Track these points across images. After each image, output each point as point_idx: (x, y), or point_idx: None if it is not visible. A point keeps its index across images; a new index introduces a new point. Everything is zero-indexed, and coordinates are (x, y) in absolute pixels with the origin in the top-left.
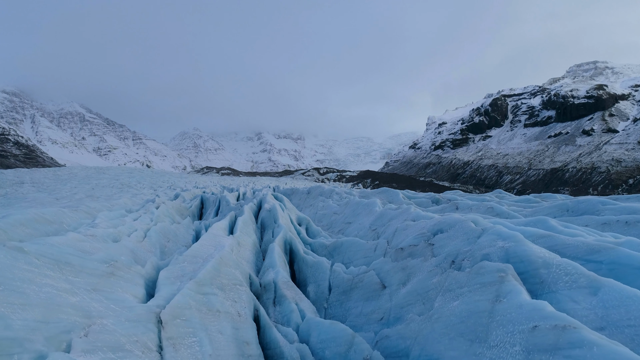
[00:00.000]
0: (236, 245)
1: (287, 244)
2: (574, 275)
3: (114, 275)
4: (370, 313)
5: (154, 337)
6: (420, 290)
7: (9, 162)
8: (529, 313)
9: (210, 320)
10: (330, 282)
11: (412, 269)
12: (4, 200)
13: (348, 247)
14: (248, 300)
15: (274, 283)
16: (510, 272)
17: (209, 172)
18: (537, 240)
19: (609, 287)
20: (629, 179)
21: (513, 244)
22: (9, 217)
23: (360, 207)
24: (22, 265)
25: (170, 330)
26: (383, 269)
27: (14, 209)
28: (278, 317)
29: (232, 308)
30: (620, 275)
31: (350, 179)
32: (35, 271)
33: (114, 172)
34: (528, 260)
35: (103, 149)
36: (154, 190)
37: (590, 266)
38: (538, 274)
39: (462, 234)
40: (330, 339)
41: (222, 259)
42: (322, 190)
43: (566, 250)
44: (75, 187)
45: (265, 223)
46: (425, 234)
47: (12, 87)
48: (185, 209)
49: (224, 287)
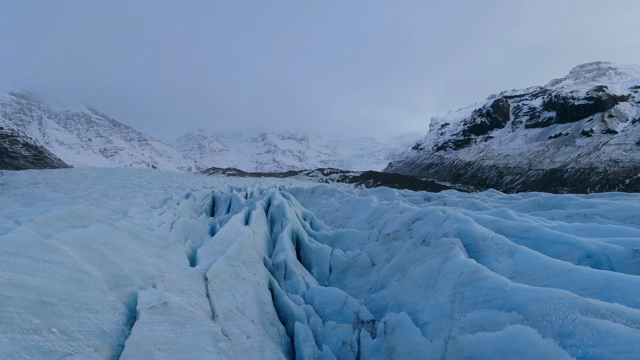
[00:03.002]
0: (252, 233)
1: (294, 234)
2: (500, 245)
3: (168, 248)
4: (362, 285)
5: (203, 288)
6: (399, 264)
7: (19, 163)
8: (460, 266)
9: (238, 284)
10: (330, 264)
11: (395, 249)
12: (24, 200)
13: (347, 236)
14: (264, 274)
15: (285, 262)
16: (457, 244)
17: (215, 172)
18: (488, 224)
19: (521, 252)
20: (626, 179)
21: (464, 224)
22: (48, 212)
23: (359, 204)
24: (116, 234)
25: (213, 285)
26: (373, 251)
27: (36, 208)
28: (288, 288)
29: (252, 278)
30: (539, 246)
31: (354, 180)
32: (124, 239)
33: (123, 173)
34: (472, 236)
35: (109, 150)
36: (164, 190)
37: (522, 241)
38: (477, 245)
39: (433, 220)
40: (329, 300)
41: (243, 242)
42: (325, 189)
43: (507, 230)
44: (89, 187)
45: (275, 217)
46: (407, 222)
47: (20, 89)
48: (198, 206)
49: (245, 263)
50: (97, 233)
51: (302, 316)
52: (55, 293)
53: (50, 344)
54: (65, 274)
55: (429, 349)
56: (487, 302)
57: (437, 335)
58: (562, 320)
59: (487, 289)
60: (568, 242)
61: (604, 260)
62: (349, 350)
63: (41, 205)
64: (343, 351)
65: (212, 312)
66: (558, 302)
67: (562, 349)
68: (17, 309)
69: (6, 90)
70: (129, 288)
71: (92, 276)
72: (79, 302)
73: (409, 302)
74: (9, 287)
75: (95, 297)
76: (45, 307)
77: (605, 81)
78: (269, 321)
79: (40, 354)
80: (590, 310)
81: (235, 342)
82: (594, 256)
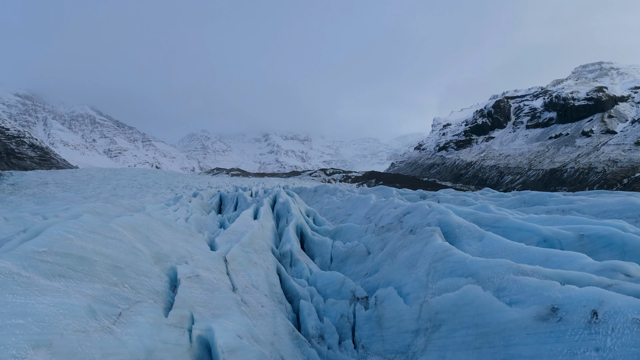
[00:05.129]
0: (260, 226)
1: (299, 228)
2: (472, 231)
3: (192, 236)
4: (359, 271)
5: (223, 268)
6: (391, 251)
7: (25, 164)
8: (436, 248)
9: (252, 267)
10: (331, 254)
11: (388, 239)
12: (37, 199)
13: (347, 230)
14: (273, 261)
15: (290, 251)
16: (437, 231)
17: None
18: (468, 216)
19: (488, 237)
20: (624, 178)
21: (444, 216)
22: (71, 209)
23: (359, 201)
24: (153, 222)
25: (232, 265)
26: (369, 241)
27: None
28: (293, 273)
29: (263, 263)
30: (507, 233)
31: (356, 180)
32: (159, 227)
33: (129, 174)
34: (449, 225)
35: (113, 150)
36: (171, 190)
37: (493, 229)
38: (454, 232)
39: (420, 213)
40: (330, 282)
41: (254, 233)
42: (327, 188)
43: (482, 221)
44: (98, 187)
45: (280, 213)
46: (399, 215)
47: (25, 91)
48: (207, 205)
49: (257, 250)
50: (141, 220)
51: (306, 296)
52: (122, 261)
53: (126, 293)
54: (126, 248)
55: (408, 312)
56: (452, 272)
57: (415, 301)
58: (500, 279)
59: (453, 262)
60: (529, 229)
61: (556, 243)
62: (346, 321)
63: (54, 205)
64: (341, 322)
65: (232, 286)
66: (499, 268)
67: (496, 299)
68: (101, 268)
69: (11, 91)
70: (168, 263)
71: (143, 252)
72: (138, 269)
73: (395, 279)
74: (94, 254)
75: (147, 267)
76: (118, 270)
77: (608, 81)
78: (277, 299)
79: (122, 299)
80: (519, 271)
81: (252, 309)
82: (549, 240)
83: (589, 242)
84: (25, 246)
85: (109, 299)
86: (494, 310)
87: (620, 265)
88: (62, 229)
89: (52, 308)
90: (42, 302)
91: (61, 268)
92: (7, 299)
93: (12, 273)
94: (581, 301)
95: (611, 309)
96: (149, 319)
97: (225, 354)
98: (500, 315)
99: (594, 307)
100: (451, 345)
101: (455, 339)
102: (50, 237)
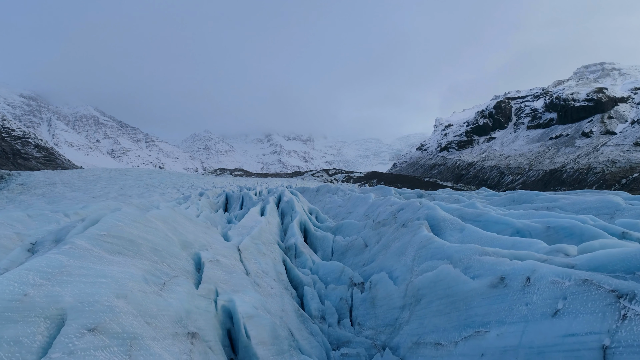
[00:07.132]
0: (267, 222)
1: (302, 224)
2: (454, 224)
3: (209, 228)
4: (358, 262)
5: (237, 256)
6: (385, 243)
7: (31, 164)
8: (421, 238)
9: (261, 256)
10: (332, 247)
11: (383, 233)
12: (47, 199)
13: (347, 227)
14: (279, 252)
15: (295, 244)
16: (424, 224)
17: (222, 173)
18: (454, 212)
19: (467, 229)
20: (622, 179)
21: (431, 211)
22: (87, 207)
23: (359, 200)
24: (177, 216)
25: (244, 254)
26: (367, 235)
27: (62, 205)
28: (298, 264)
29: (271, 254)
30: (487, 225)
31: (358, 180)
32: (182, 219)
33: (135, 174)
34: (436, 219)
35: (117, 151)
36: (177, 190)
37: (475, 223)
38: (439, 225)
39: (411, 209)
40: (331, 271)
41: (262, 227)
42: (329, 188)
43: (466, 215)
44: (105, 187)
45: (285, 211)
46: (394, 212)
47: (29, 91)
48: (213, 203)
49: (265, 243)
50: (168, 213)
51: (309, 283)
52: (159, 245)
53: (165, 269)
54: (161, 235)
55: (397, 292)
56: (433, 256)
57: (402, 283)
58: (468, 260)
59: (434, 249)
60: (505, 222)
61: (527, 233)
62: (344, 304)
63: (65, 204)
64: (340, 304)
65: (246, 270)
66: (469, 251)
67: (462, 274)
68: (145, 250)
69: (16, 92)
70: (192, 250)
71: (173, 239)
72: (171, 252)
73: (387, 266)
74: (140, 238)
75: (177, 251)
76: (157, 252)
77: (609, 82)
78: (283, 286)
79: (163, 273)
80: (483, 253)
81: (264, 290)
82: (521, 231)
83: (554, 232)
84: (91, 230)
85: (155, 272)
86: (460, 282)
87: (563, 247)
88: (114, 218)
89: (120, 274)
90: (112, 269)
91: (118, 247)
92: (90, 265)
93: (87, 249)
94: (520, 271)
95: (539, 275)
96: (185, 289)
97: (245, 319)
98: (464, 286)
99: (528, 274)
100: (428, 314)
101: (431, 308)
102: (107, 224)
